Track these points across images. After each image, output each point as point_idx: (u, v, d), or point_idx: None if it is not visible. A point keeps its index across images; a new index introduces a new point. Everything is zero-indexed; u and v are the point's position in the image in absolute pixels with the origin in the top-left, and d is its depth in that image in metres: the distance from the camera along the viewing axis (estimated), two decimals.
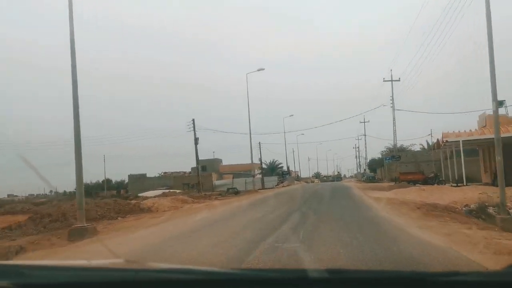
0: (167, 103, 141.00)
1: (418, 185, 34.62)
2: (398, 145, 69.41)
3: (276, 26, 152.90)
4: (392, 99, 50.42)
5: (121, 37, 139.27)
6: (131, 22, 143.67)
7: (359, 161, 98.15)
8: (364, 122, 65.98)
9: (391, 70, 54.05)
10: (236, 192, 39.81)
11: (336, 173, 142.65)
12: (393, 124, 50.77)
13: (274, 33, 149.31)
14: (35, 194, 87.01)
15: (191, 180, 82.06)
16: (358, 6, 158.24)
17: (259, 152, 67.71)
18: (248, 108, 45.50)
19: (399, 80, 51.85)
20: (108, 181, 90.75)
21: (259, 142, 67.25)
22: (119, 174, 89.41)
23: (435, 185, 33.83)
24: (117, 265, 2.09)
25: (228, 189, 42.50)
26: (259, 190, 47.23)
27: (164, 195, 39.22)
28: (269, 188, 55.67)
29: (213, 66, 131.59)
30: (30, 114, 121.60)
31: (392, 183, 47.20)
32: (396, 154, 51.58)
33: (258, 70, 49.64)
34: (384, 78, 52.46)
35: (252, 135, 51.25)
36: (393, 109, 53.20)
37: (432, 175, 36.24)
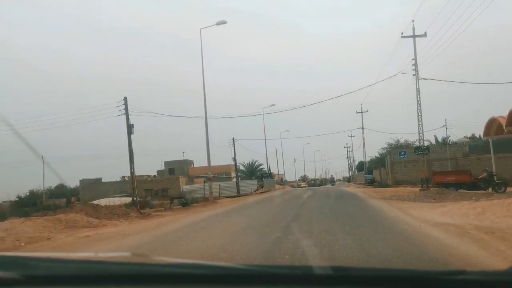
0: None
1: (462, 190, 22.55)
2: (399, 140, 57.62)
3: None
4: (415, 64, 32.23)
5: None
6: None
7: (353, 161, 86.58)
8: (362, 112, 54.07)
9: (412, 21, 32.64)
10: (185, 204, 27.26)
11: (329, 176, 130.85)
12: (418, 103, 33.31)
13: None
14: None
15: (156, 185, 69.34)
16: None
17: (233, 151, 55.22)
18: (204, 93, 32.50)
19: (425, 36, 32.69)
20: (60, 187, 77.33)
21: (233, 138, 54.81)
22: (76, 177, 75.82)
23: (490, 190, 21.77)
24: (123, 259, 1.95)
25: (172, 199, 29.76)
26: (229, 199, 34.65)
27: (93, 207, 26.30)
28: (244, 195, 43.58)
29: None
30: None
31: (404, 187, 35.14)
32: (422, 146, 37.76)
33: None
34: (402, 33, 33.27)
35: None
36: (417, 76, 32.57)
37: (485, 174, 23.92)
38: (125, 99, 26.92)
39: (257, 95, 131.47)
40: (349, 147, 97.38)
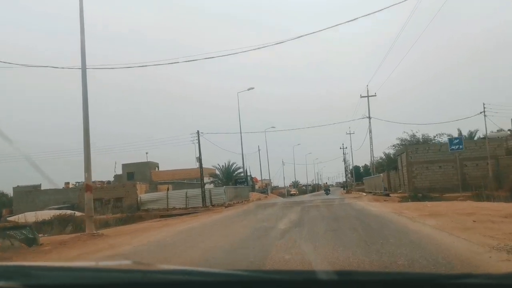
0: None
1: None
2: (415, 134, 44.40)
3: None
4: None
5: None
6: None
7: (352, 164, 73.36)
8: (368, 96, 40.81)
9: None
10: (29, 241, 13.09)
11: (322, 183, 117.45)
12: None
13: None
14: None
15: (107, 193, 55.39)
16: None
17: (198, 148, 41.75)
18: None
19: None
20: None
21: (197, 131, 41.32)
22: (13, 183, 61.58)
23: None
24: (125, 267, 2.03)
25: (4, 231, 15.22)
26: (149, 223, 21.18)
27: None
28: (210, 208, 30.37)
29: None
30: None
31: (460, 199, 21.95)
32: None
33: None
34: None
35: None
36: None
37: None
38: None
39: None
40: (346, 148, 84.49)
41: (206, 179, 61.13)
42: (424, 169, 37.69)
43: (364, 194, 26.24)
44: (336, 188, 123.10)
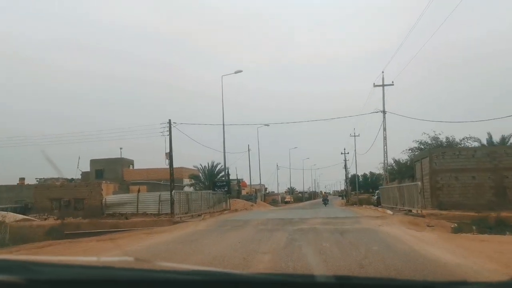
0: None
1: None
2: (439, 137, 36.22)
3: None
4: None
5: None
6: None
7: (356, 169, 65.40)
8: (384, 85, 32.28)
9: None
10: None
11: (320, 191, 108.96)
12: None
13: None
14: None
15: (67, 193, 47.20)
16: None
17: (168, 142, 33.63)
18: None
19: None
20: None
21: (169, 120, 33.17)
22: None
23: None
24: (126, 264, 1.94)
25: None
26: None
27: None
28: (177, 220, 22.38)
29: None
30: None
31: None
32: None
33: None
34: None
35: None
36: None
37: None
38: None
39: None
40: (348, 153, 76.43)
41: (186, 181, 52.92)
42: (452, 179, 29.46)
43: (385, 211, 18.16)
44: (333, 197, 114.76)
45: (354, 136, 58.91)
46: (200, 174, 49.97)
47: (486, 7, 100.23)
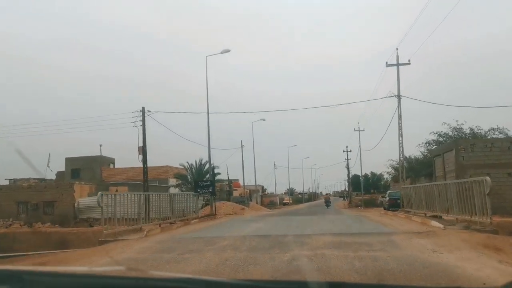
0: None
1: None
2: (462, 127, 30.92)
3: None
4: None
5: None
6: None
7: (361, 168, 60.28)
8: (398, 64, 26.69)
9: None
10: None
11: (320, 192, 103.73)
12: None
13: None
14: None
15: (36, 196, 41.77)
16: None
17: (143, 135, 28.39)
18: None
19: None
20: None
21: (142, 108, 27.83)
22: None
23: None
24: (118, 273, 1.98)
25: None
26: None
27: None
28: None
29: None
30: None
31: None
32: None
33: None
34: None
35: None
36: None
37: None
38: None
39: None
40: (350, 151, 71.22)
41: (171, 181, 47.59)
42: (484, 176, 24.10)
43: (427, 221, 12.37)
44: (333, 198, 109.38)
45: (359, 131, 53.56)
46: (188, 173, 44.58)
47: None
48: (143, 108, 27.96)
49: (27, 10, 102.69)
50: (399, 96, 26.53)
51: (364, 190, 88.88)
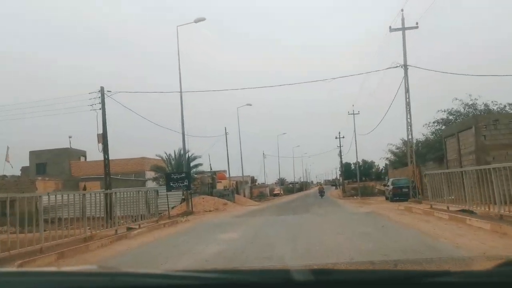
0: None
1: None
2: (476, 102, 26.90)
3: None
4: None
5: None
6: None
7: (356, 155, 56.30)
8: (404, 29, 22.67)
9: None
10: None
11: (312, 181, 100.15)
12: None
13: None
14: None
15: None
16: None
17: (103, 119, 23.84)
18: None
19: None
20: None
21: (101, 88, 23.27)
22: None
23: None
24: (91, 271, 1.87)
25: None
26: None
27: None
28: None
29: None
30: None
31: None
32: None
33: None
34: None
35: None
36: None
37: None
38: None
39: None
40: (343, 137, 67.30)
41: (149, 175, 43.14)
42: (510, 159, 20.18)
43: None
44: (325, 186, 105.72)
45: (353, 114, 49.33)
46: (166, 165, 40.10)
47: None
48: (102, 88, 23.44)
49: None
50: (405, 66, 22.37)
51: (356, 178, 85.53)
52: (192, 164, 39.23)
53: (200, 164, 39.35)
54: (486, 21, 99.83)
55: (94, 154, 44.08)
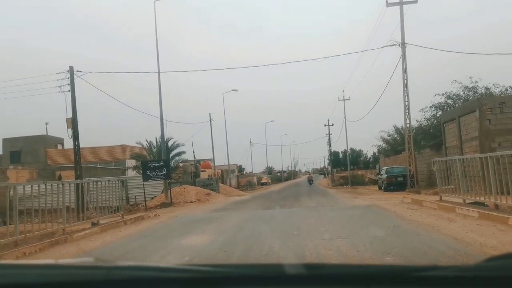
0: None
1: None
2: (476, 85, 25.27)
3: None
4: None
5: None
6: None
7: (347, 142, 54.74)
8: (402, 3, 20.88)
9: None
10: None
11: (300, 170, 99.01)
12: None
13: None
14: None
15: None
16: None
17: (72, 103, 21.64)
18: None
19: None
20: None
21: (70, 68, 20.99)
22: None
23: None
24: (87, 263, 1.86)
25: None
26: None
27: None
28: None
29: None
30: None
31: None
32: None
33: None
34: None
35: None
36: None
37: None
38: None
39: None
40: (332, 125, 65.70)
41: (129, 163, 41.02)
42: None
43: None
44: (314, 176, 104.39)
45: (344, 100, 47.41)
46: (147, 153, 37.95)
47: None
48: (71, 67, 21.20)
49: None
50: (403, 44, 20.52)
51: (344, 166, 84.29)
52: (175, 152, 37.15)
53: (184, 152, 37.26)
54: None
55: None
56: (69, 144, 44.44)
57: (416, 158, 25.54)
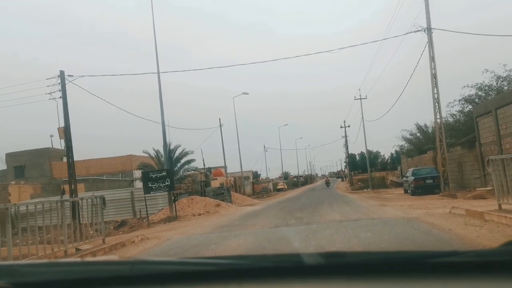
0: None
1: None
2: (508, 74, 22.62)
3: None
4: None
5: None
6: None
7: (365, 142, 52.27)
8: None
9: None
10: None
11: (316, 174, 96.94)
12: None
13: None
14: None
15: None
16: None
17: (64, 110, 19.89)
18: None
19: None
20: None
21: (61, 71, 19.18)
22: None
23: None
24: (112, 260, 1.97)
25: None
26: None
27: None
28: None
29: None
30: None
31: None
32: None
33: None
34: None
35: None
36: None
37: None
38: None
39: None
40: (348, 126, 63.20)
41: (137, 174, 39.13)
42: None
43: None
44: (330, 178, 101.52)
45: (360, 98, 45.00)
46: (155, 162, 36.08)
47: None
48: (62, 72, 19.42)
49: None
50: (429, 30, 18.22)
51: (361, 169, 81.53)
52: (183, 160, 35.22)
53: (193, 160, 35.26)
54: None
55: (79, 153, 40.18)
56: (75, 156, 42.93)
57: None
